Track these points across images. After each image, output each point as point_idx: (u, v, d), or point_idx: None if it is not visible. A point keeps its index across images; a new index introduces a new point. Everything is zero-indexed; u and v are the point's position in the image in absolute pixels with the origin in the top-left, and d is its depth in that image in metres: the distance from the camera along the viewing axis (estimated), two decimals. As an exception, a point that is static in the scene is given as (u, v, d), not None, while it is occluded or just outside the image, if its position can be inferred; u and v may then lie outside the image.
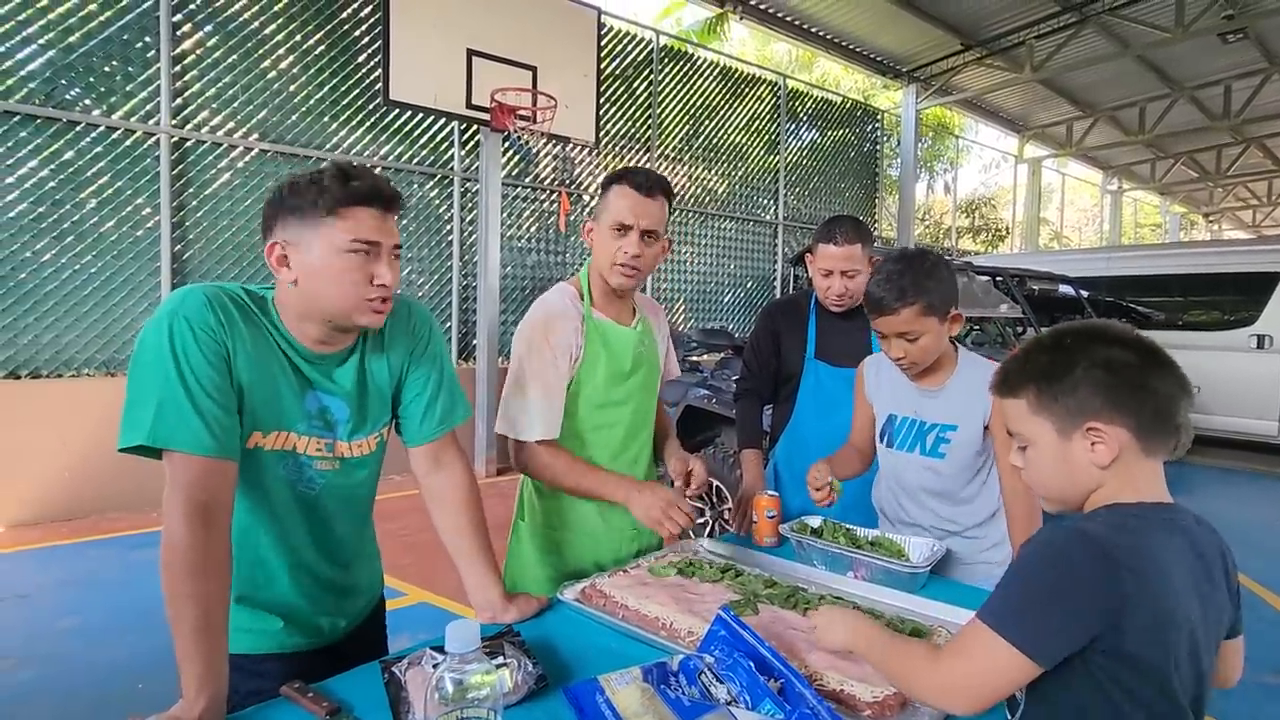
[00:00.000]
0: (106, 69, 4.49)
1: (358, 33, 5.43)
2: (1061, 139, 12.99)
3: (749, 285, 8.54)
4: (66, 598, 3.12)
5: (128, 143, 4.56)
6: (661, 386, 1.69)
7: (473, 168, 5.98)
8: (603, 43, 6.09)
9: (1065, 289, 6.50)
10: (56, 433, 4.22)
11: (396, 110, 5.44)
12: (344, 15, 5.37)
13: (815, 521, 1.63)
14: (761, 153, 8.63)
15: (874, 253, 1.92)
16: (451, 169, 5.98)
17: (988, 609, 0.80)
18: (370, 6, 5.42)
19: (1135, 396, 0.81)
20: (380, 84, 4.88)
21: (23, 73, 4.22)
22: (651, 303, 1.74)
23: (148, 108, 4.62)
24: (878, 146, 10.25)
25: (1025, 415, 0.88)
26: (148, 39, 4.60)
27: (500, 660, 0.92)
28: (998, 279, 5.56)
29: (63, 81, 4.35)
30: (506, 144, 5.70)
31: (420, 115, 5.62)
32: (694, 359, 4.79)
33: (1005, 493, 1.50)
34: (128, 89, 4.55)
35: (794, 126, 9.00)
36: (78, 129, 4.39)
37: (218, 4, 4.85)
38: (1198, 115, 11.51)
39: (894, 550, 1.50)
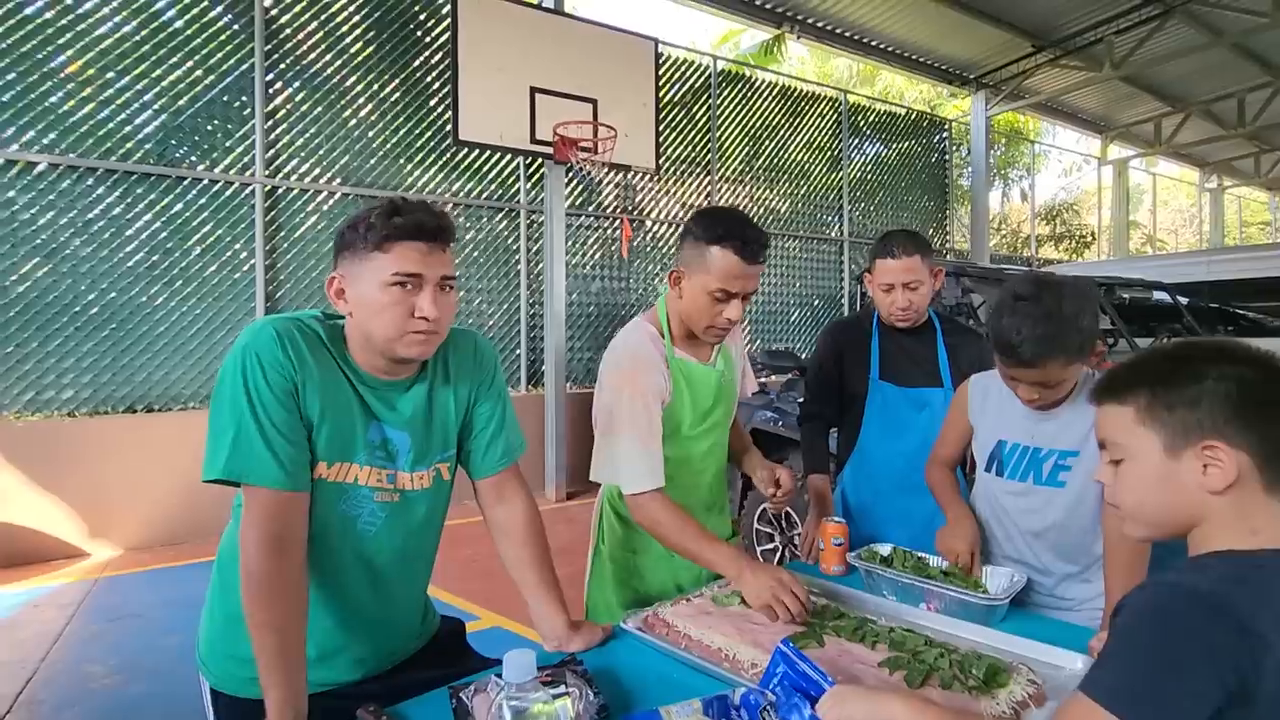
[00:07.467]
0: (209, 128, 4.92)
1: (429, 79, 5.75)
2: (1149, 137, 12.21)
3: (815, 304, 8.40)
4: (172, 616, 3.35)
5: (227, 194, 4.97)
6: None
7: (538, 199, 6.18)
8: (661, 71, 6.20)
9: (1160, 296, 6.06)
10: (166, 462, 4.58)
11: (466, 149, 5.71)
12: (416, 64, 5.70)
13: (885, 549, 1.57)
14: (824, 170, 8.53)
15: (937, 264, 1.86)
16: (518, 202, 6.20)
17: (1094, 682, 0.70)
18: (441, 54, 5.73)
19: (1265, 418, 0.72)
20: (451, 126, 5.14)
21: (139, 136, 4.69)
22: None
23: (244, 160, 5.03)
24: (946, 157, 9.93)
25: (1128, 424, 0.78)
26: (244, 98, 5.03)
27: (562, 689, 0.94)
28: None
29: (172, 141, 4.80)
30: (570, 175, 5.86)
31: (488, 153, 5.87)
32: (760, 381, 4.73)
33: (1107, 533, 1.36)
34: (227, 144, 4.97)
35: (857, 141, 8.86)
36: (185, 183, 4.82)
37: (305, 61, 5.25)
38: (1307, 103, 10.61)
39: (969, 581, 1.43)
